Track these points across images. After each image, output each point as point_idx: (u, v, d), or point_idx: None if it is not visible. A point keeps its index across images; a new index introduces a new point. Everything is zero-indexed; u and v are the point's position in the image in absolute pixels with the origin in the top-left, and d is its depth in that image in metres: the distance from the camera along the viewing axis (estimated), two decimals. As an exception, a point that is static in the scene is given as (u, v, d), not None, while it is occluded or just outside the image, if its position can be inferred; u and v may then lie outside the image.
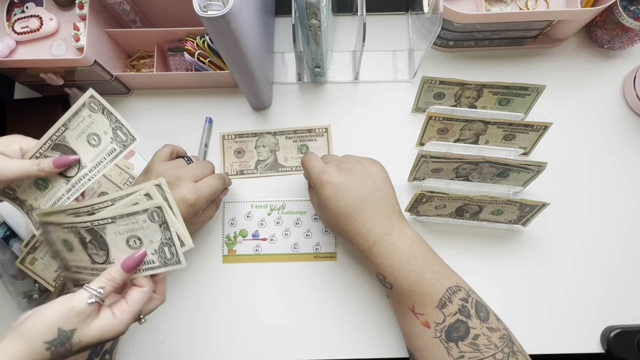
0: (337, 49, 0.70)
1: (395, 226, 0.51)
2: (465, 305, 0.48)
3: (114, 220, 0.41)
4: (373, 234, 0.50)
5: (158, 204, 0.40)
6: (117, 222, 0.41)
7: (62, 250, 0.44)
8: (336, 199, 0.51)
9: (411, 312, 0.49)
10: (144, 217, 0.41)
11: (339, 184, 0.51)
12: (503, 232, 0.63)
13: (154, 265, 0.42)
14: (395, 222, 0.51)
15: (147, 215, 0.41)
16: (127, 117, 0.67)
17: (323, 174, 0.51)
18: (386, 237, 0.50)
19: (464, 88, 0.59)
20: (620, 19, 0.60)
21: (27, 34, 0.57)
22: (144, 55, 0.68)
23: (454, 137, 0.61)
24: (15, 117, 0.67)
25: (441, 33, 0.65)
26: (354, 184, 0.51)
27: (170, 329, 0.62)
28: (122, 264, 0.41)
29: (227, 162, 0.67)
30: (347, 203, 0.50)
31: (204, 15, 0.43)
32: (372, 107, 0.68)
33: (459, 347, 0.46)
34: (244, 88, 0.61)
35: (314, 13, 0.49)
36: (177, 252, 0.41)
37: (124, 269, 0.41)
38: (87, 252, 0.43)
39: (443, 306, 0.48)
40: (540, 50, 0.69)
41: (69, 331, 0.37)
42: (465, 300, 0.48)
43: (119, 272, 0.41)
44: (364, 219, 0.50)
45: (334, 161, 0.53)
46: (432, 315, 0.48)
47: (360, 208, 0.50)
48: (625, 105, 0.67)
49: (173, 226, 0.41)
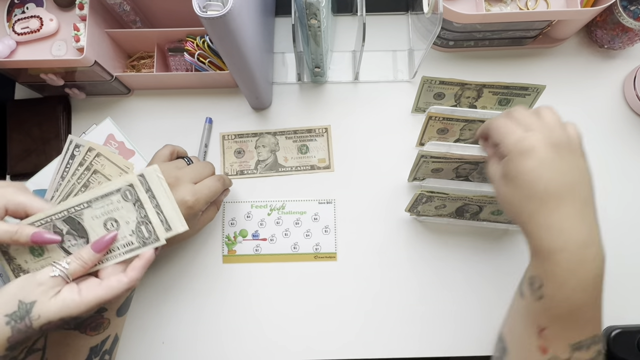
0: (337, 49, 0.70)
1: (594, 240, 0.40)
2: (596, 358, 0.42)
3: (89, 204, 0.41)
4: (567, 237, 0.39)
5: (130, 181, 0.40)
6: (93, 205, 0.41)
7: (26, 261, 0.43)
8: (535, 177, 0.40)
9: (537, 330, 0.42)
10: (118, 197, 0.41)
11: (544, 160, 0.40)
12: (503, 232, 0.63)
13: (134, 247, 0.42)
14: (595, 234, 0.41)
15: (120, 195, 0.41)
16: (127, 118, 0.68)
17: (525, 141, 0.41)
18: (580, 251, 0.39)
19: (464, 88, 0.59)
20: (620, 19, 0.60)
21: (27, 34, 0.57)
22: (144, 55, 0.68)
23: (454, 137, 0.61)
24: (15, 118, 0.67)
25: (441, 33, 0.65)
26: (561, 167, 0.40)
27: (170, 329, 0.62)
28: (92, 245, 0.41)
29: (227, 162, 0.67)
30: (549, 184, 0.40)
31: (203, 15, 0.43)
32: (372, 107, 0.68)
33: None
34: (244, 88, 0.61)
35: (314, 13, 0.49)
36: (154, 229, 0.41)
37: (94, 249, 0.41)
38: (62, 246, 0.42)
39: (578, 348, 0.41)
40: (540, 50, 0.69)
41: (28, 303, 0.37)
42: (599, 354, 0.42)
43: (88, 253, 0.40)
44: (561, 214, 0.40)
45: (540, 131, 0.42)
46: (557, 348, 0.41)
47: (563, 197, 0.40)
48: (625, 105, 0.67)
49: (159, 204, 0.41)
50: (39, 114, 0.66)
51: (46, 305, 0.38)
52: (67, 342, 0.48)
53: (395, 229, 0.64)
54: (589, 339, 0.41)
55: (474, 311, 0.61)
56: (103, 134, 0.67)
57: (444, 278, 0.62)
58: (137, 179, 0.41)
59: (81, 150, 0.62)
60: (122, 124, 0.67)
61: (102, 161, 0.62)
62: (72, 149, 0.63)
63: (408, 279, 0.62)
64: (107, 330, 0.50)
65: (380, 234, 0.64)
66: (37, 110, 0.67)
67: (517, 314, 0.45)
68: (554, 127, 0.42)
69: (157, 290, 0.63)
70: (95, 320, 0.49)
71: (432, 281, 0.62)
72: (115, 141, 0.67)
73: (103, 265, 0.42)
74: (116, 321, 0.51)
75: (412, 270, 0.63)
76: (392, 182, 0.65)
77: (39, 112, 0.67)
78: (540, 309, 0.42)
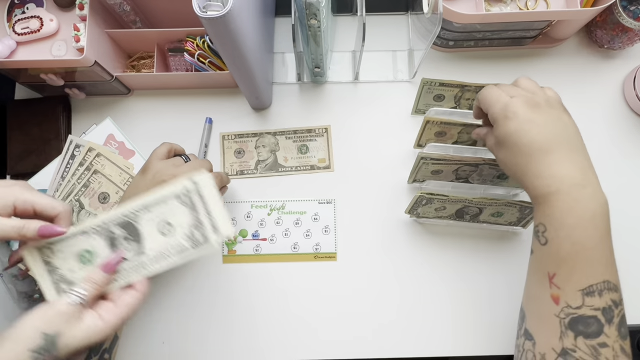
0: (337, 49, 0.70)
1: (590, 182, 0.43)
2: (612, 308, 0.41)
3: (147, 208, 0.42)
4: (559, 180, 0.42)
5: (186, 187, 0.42)
6: (150, 209, 0.42)
7: (72, 269, 0.43)
8: (520, 135, 0.44)
9: (547, 278, 0.43)
10: (174, 201, 0.42)
11: (525, 119, 0.44)
12: (503, 233, 0.63)
13: (186, 249, 0.43)
14: (590, 176, 0.43)
15: (176, 199, 0.42)
16: (127, 118, 0.68)
17: (508, 106, 0.45)
18: (574, 190, 0.42)
19: (463, 90, 0.59)
20: (620, 19, 0.60)
21: (27, 34, 0.57)
22: (144, 55, 0.68)
23: (452, 139, 0.61)
24: (15, 118, 0.67)
25: (441, 33, 0.65)
26: (543, 122, 0.44)
27: (170, 329, 0.62)
28: (102, 266, 0.41)
29: (227, 162, 0.67)
30: (532, 140, 0.44)
31: (203, 15, 0.43)
32: (372, 107, 0.68)
33: (577, 341, 0.41)
34: (244, 88, 0.61)
35: (314, 13, 0.49)
36: (205, 233, 0.42)
37: (104, 269, 0.41)
38: (113, 251, 0.43)
39: (589, 294, 0.41)
40: (540, 50, 0.69)
41: (53, 335, 0.37)
42: (615, 305, 0.42)
43: (99, 274, 0.41)
44: (549, 161, 0.43)
45: (520, 95, 0.46)
46: (568, 295, 0.41)
47: (548, 149, 0.44)
48: (625, 105, 0.67)
49: (209, 210, 0.42)
50: (39, 114, 0.66)
51: (71, 335, 0.38)
52: None
53: (395, 229, 0.64)
54: (599, 284, 0.41)
55: (473, 311, 0.61)
56: (103, 134, 0.67)
57: (444, 279, 0.62)
58: (193, 185, 0.43)
59: (81, 150, 0.63)
60: (122, 124, 0.67)
61: (102, 161, 0.63)
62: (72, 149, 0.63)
63: (408, 280, 0.62)
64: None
65: (380, 234, 0.64)
66: (37, 110, 0.67)
67: (530, 272, 0.47)
68: (533, 91, 0.47)
69: (157, 290, 0.63)
70: None
71: (431, 282, 0.62)
72: (115, 141, 0.67)
73: (158, 266, 0.43)
74: None
75: (411, 271, 0.63)
76: (392, 182, 0.65)
77: (39, 112, 0.67)
78: (547, 255, 0.43)
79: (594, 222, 0.42)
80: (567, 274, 0.42)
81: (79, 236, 0.42)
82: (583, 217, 0.41)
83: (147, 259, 0.43)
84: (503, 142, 0.46)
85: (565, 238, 0.42)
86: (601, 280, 0.41)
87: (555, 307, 0.42)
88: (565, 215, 0.42)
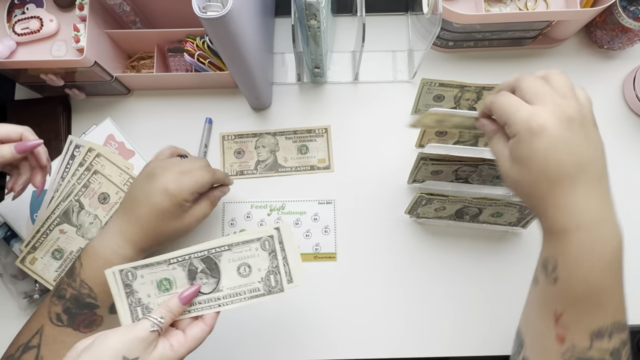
0: (337, 50, 0.70)
1: (611, 213, 0.39)
2: (620, 350, 0.39)
3: (230, 248, 0.44)
4: (581, 213, 0.37)
5: (270, 233, 0.44)
6: (233, 249, 0.44)
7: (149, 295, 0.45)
8: (548, 157, 0.37)
9: (554, 317, 0.39)
10: (257, 245, 0.44)
11: (559, 136, 0.37)
12: (502, 234, 0.63)
13: (259, 293, 0.45)
14: (610, 206, 0.39)
15: (259, 244, 0.44)
16: (127, 118, 0.68)
17: (535, 117, 0.37)
18: (595, 227, 0.37)
19: (463, 90, 0.59)
20: (620, 19, 0.60)
21: (27, 35, 0.57)
22: (144, 56, 0.68)
23: (453, 139, 0.61)
24: (16, 118, 0.67)
25: (441, 33, 0.65)
26: (576, 143, 0.37)
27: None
28: (180, 297, 0.43)
29: (227, 162, 0.67)
30: (561, 164, 0.37)
31: (203, 16, 0.43)
32: (372, 108, 0.68)
33: None
34: (243, 88, 0.61)
35: (314, 14, 0.49)
36: (281, 280, 0.45)
37: (182, 301, 0.43)
38: (191, 283, 0.44)
39: (598, 336, 0.38)
40: (540, 51, 0.69)
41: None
42: (624, 345, 0.39)
43: (176, 304, 0.42)
44: (575, 192, 0.37)
45: (549, 102, 0.38)
46: (576, 335, 0.38)
47: (576, 177, 0.37)
48: (625, 105, 0.67)
49: (287, 258, 0.45)
50: (39, 114, 0.66)
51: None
52: (61, 340, 0.49)
53: (394, 229, 0.64)
54: (610, 326, 0.38)
55: (473, 312, 0.61)
56: (103, 134, 0.67)
57: (444, 279, 0.62)
58: (276, 232, 0.44)
59: (81, 150, 0.63)
60: (122, 124, 0.67)
61: (102, 161, 0.63)
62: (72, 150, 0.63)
63: (407, 280, 0.62)
64: (101, 327, 0.50)
65: (380, 234, 0.64)
66: (37, 111, 0.67)
67: (533, 304, 0.43)
68: (565, 96, 0.38)
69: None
70: (88, 317, 0.49)
71: (431, 282, 0.62)
72: (115, 141, 0.67)
73: (230, 305, 0.45)
74: (109, 319, 0.51)
75: (411, 271, 0.63)
76: (392, 182, 0.65)
77: (39, 113, 0.67)
78: (555, 293, 0.39)
79: (612, 262, 0.38)
80: (577, 315, 0.38)
81: (163, 265, 0.44)
82: (602, 260, 0.37)
83: (221, 295, 0.45)
84: (523, 161, 0.39)
85: (580, 280, 0.37)
86: (612, 322, 0.38)
87: (559, 347, 0.39)
88: (583, 256, 0.37)
